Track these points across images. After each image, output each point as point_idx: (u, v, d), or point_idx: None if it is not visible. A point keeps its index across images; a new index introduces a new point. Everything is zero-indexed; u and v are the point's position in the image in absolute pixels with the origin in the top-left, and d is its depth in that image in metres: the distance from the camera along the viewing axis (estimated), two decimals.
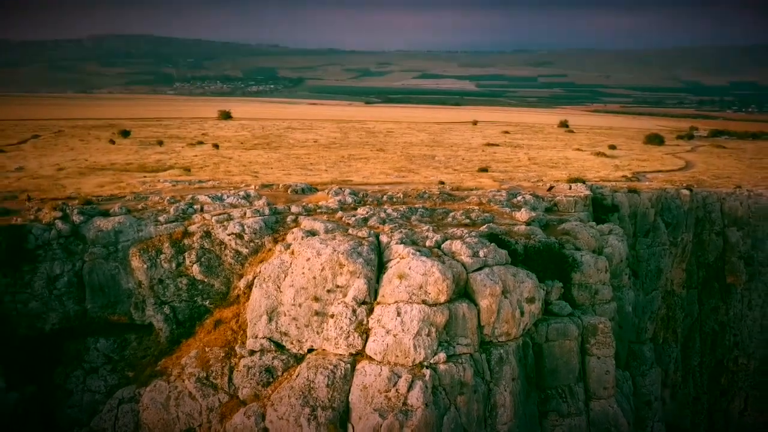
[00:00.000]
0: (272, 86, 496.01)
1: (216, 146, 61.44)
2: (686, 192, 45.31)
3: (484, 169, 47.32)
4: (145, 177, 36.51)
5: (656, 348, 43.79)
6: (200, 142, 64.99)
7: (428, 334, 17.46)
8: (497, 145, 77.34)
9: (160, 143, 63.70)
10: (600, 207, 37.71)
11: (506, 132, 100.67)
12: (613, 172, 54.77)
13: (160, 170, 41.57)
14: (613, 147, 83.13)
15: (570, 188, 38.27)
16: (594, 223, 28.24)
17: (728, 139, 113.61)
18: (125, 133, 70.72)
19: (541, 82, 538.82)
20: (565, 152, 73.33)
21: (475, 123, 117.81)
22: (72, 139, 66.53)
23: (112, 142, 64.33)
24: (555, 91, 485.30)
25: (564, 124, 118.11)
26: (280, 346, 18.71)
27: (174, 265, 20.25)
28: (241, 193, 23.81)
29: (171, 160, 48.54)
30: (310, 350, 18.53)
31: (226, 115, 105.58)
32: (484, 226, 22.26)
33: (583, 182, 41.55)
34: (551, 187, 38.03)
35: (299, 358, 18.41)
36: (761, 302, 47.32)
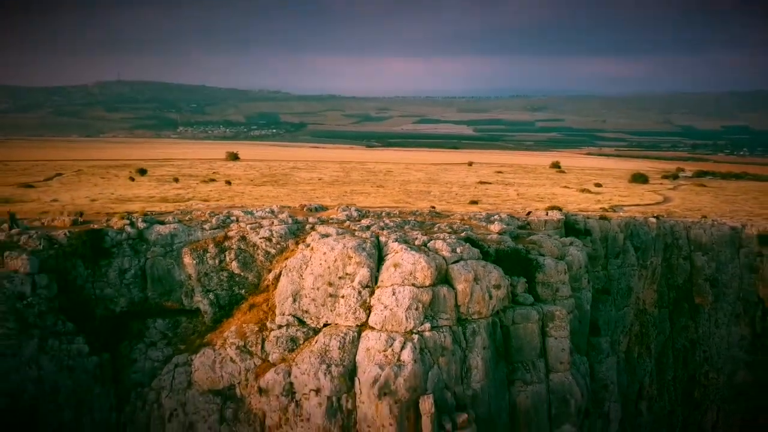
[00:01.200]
0: (274, 131, 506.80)
1: (228, 182, 67.62)
2: (653, 220, 51.03)
3: (474, 202, 53.37)
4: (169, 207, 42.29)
5: (632, 362, 48.78)
6: (212, 180, 71.13)
7: (416, 309, 22.91)
8: (490, 183, 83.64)
9: (176, 180, 69.86)
10: (573, 230, 43.21)
11: (499, 172, 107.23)
12: (593, 204, 60.85)
13: (181, 202, 47.34)
14: (599, 185, 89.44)
15: (546, 214, 44.03)
16: (558, 236, 33.88)
17: (712, 179, 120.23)
18: (142, 172, 76.97)
19: (538, 126, 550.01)
20: (552, 189, 79.49)
21: (470, 164, 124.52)
22: (93, 177, 72.58)
23: (132, 179, 70.43)
24: (552, 135, 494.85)
25: (556, 165, 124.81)
26: (302, 322, 24.14)
27: (217, 261, 25.82)
28: (267, 209, 29.57)
29: (189, 194, 54.52)
30: (326, 324, 23.94)
31: (233, 157, 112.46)
32: (463, 233, 27.95)
33: (560, 210, 47.44)
34: (529, 213, 43.90)
35: (317, 330, 23.82)
36: (726, 321, 52.22)
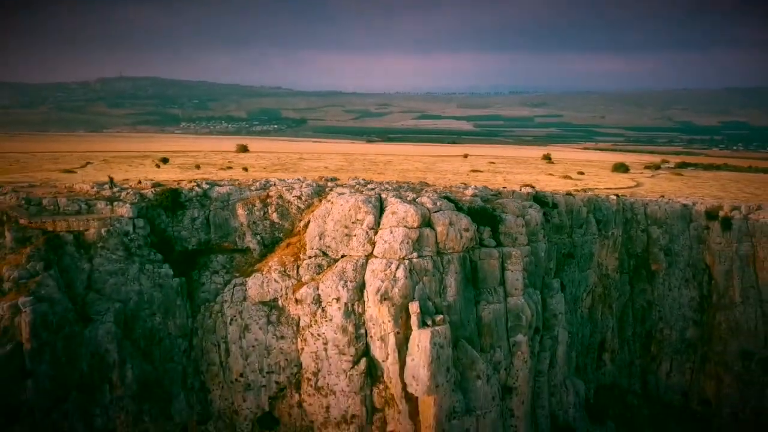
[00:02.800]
0: (276, 126, 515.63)
1: (245, 169, 77.03)
2: (614, 197, 60.59)
3: (463, 184, 62.84)
4: None
5: (595, 318, 58.16)
6: (230, 167, 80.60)
7: (407, 243, 32.52)
8: (481, 171, 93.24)
9: (198, 167, 79.31)
10: (542, 203, 52.73)
11: (492, 162, 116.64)
12: (569, 187, 70.33)
13: None
14: (581, 173, 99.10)
15: (520, 189, 53.57)
16: (520, 200, 43.49)
17: (693, 170, 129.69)
18: (165, 160, 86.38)
19: (537, 122, 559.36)
20: (537, 176, 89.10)
21: (466, 156, 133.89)
22: (121, 165, 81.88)
23: (158, 166, 79.90)
24: (551, 131, 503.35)
25: (547, 157, 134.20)
26: (325, 254, 33.80)
27: (262, 213, 35.45)
28: (296, 178, 39.19)
29: (213, 178, 64.34)
30: (343, 255, 33.57)
31: (243, 149, 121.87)
32: (443, 194, 37.61)
33: (533, 187, 56.97)
34: (503, 188, 53.50)
35: (336, 260, 33.48)
36: (678, 285, 61.60)
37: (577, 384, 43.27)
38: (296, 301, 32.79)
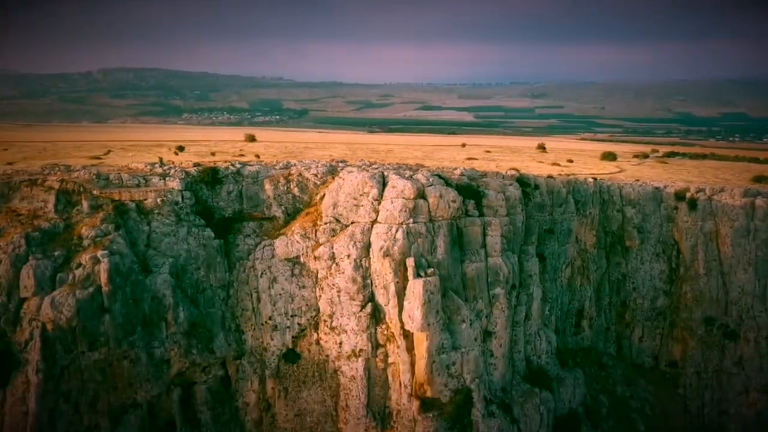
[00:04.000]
0: (278, 117, 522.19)
1: (257, 156, 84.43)
2: (591, 180, 68.22)
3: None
4: None
5: (573, 288, 65.69)
6: (242, 155, 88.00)
7: (405, 211, 40.30)
8: (476, 159, 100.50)
9: (213, 154, 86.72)
10: (525, 184, 60.27)
11: (488, 151, 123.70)
12: (555, 173, 77.56)
13: None
14: (570, 161, 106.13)
15: (506, 172, 61.19)
16: (503, 180, 51.26)
17: (680, 159, 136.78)
18: (181, 148, 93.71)
19: (537, 113, 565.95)
20: (528, 163, 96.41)
21: (463, 145, 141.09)
22: (141, 152, 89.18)
23: (176, 153, 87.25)
24: (551, 122, 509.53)
25: (541, 147, 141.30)
26: (338, 221, 41.61)
27: (285, 188, 43.27)
28: (312, 160, 47.01)
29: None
30: (352, 222, 41.37)
31: (251, 138, 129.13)
32: (435, 172, 45.43)
33: (518, 171, 64.65)
34: (490, 171, 61.11)
35: (347, 225, 41.32)
36: (650, 259, 69.07)
37: (549, 335, 51.25)
38: (315, 258, 40.70)
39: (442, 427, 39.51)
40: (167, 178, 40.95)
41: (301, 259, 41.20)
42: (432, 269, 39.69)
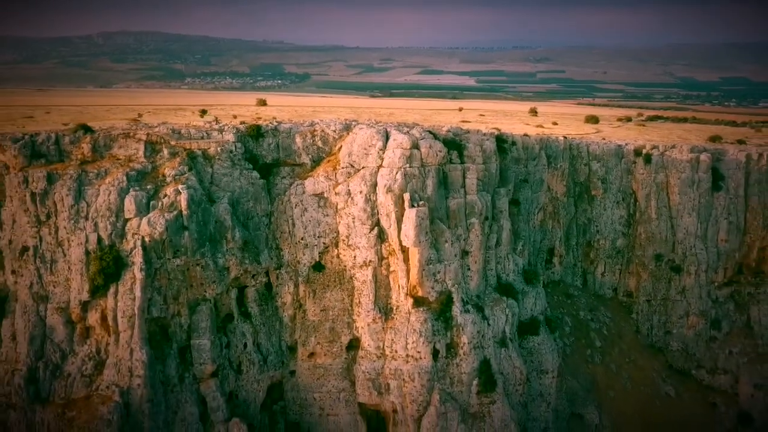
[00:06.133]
0: (280, 81, 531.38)
1: (275, 118, 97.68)
2: (562, 138, 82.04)
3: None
4: None
5: (545, 229, 79.68)
6: (260, 118, 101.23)
7: (403, 158, 54.56)
8: (470, 122, 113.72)
9: (235, 117, 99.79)
10: (503, 141, 73.81)
11: (482, 115, 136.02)
12: (535, 132, 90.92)
13: None
14: (555, 123, 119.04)
15: (487, 130, 74.84)
16: (483, 136, 65.26)
17: (662, 122, 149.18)
18: (204, 112, 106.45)
19: (539, 77, 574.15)
20: (516, 125, 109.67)
21: (460, 110, 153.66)
22: (169, 115, 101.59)
23: (201, 116, 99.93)
24: (552, 87, 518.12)
25: (533, 111, 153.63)
26: (352, 166, 55.98)
27: (311, 141, 57.47)
28: (331, 119, 61.11)
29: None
30: (363, 167, 55.65)
31: (262, 102, 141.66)
32: (427, 129, 59.58)
33: (498, 129, 78.53)
34: (473, 129, 74.63)
35: (359, 169, 55.70)
36: (611, 206, 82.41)
37: (517, 260, 65.94)
38: (335, 193, 55.20)
39: (430, 318, 54.53)
40: (223, 132, 55.19)
41: (325, 195, 55.65)
42: (423, 202, 54.11)
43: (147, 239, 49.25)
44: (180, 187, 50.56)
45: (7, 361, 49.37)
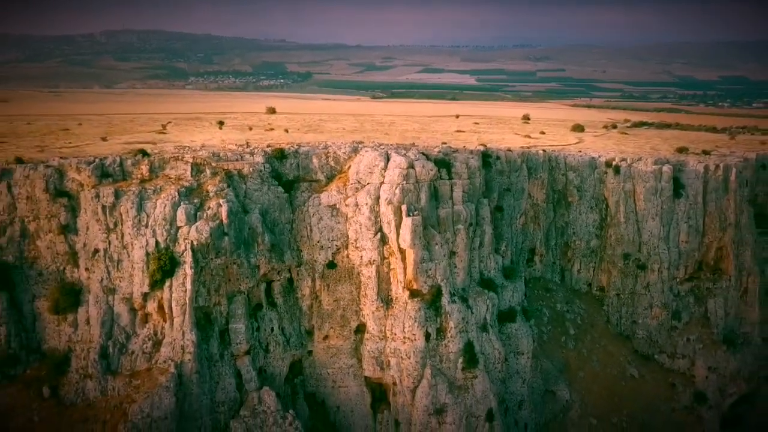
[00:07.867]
0: (282, 80, 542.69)
1: (286, 131, 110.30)
2: (541, 151, 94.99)
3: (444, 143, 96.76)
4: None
5: (527, 231, 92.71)
6: (272, 129, 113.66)
7: (401, 176, 67.64)
8: (464, 131, 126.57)
9: (251, 128, 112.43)
10: (488, 156, 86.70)
11: (477, 123, 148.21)
12: (524, 144, 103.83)
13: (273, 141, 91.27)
14: (542, 133, 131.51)
15: (474, 148, 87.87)
16: (469, 153, 78.16)
17: (646, 128, 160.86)
18: (221, 123, 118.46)
19: (539, 76, 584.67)
20: (505, 135, 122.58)
21: (457, 116, 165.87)
22: (189, 126, 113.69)
23: (220, 127, 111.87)
24: (551, 86, 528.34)
25: (525, 118, 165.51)
26: (359, 182, 69.00)
27: (325, 161, 70.54)
28: (341, 142, 74.07)
29: (268, 138, 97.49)
30: (368, 183, 68.62)
31: (272, 111, 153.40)
32: (421, 150, 72.55)
33: (485, 146, 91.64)
34: (462, 147, 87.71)
35: (365, 185, 68.67)
36: (586, 211, 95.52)
37: (498, 259, 78.98)
38: (346, 205, 68.29)
39: (423, 307, 67.69)
40: (254, 155, 68.30)
41: (337, 206, 68.72)
42: (417, 212, 67.17)
43: (195, 243, 62.16)
44: (221, 201, 63.51)
45: (83, 341, 62.46)
